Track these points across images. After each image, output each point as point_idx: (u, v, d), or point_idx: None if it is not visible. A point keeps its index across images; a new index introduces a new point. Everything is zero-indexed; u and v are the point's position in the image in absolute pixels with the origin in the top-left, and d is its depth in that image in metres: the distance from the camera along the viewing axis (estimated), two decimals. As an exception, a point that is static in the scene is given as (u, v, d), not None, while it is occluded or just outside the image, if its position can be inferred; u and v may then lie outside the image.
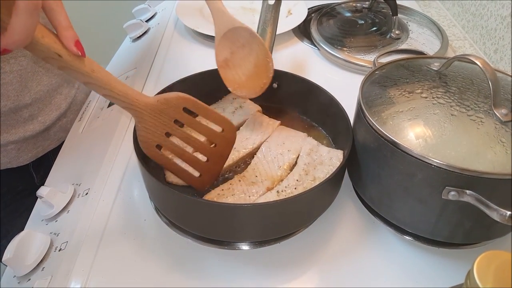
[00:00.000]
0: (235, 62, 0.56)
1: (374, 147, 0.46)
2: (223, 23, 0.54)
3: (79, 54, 0.36)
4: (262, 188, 0.50)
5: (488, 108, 0.44)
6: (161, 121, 0.44)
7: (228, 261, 0.48)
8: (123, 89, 0.41)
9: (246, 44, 0.55)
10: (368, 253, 0.49)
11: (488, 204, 0.39)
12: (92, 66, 0.38)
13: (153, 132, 0.45)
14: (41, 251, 0.48)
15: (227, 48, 0.55)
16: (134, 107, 0.42)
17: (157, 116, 0.44)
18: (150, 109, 0.43)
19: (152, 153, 0.46)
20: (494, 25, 0.82)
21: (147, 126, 0.44)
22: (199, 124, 0.47)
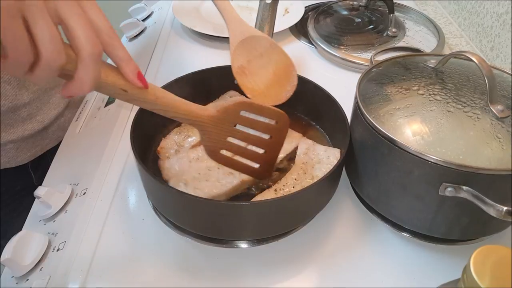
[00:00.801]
0: (252, 70, 0.55)
1: (371, 144, 0.46)
2: (240, 31, 0.53)
3: (142, 87, 0.37)
4: (237, 179, 0.50)
5: (484, 105, 0.45)
6: (223, 129, 0.46)
7: (227, 259, 0.48)
8: (187, 108, 0.42)
9: (265, 54, 0.54)
10: (366, 250, 0.49)
11: (485, 200, 0.39)
12: (156, 93, 0.39)
13: (217, 140, 0.47)
14: (39, 251, 0.48)
15: (244, 56, 0.54)
16: (198, 122, 0.44)
17: (219, 125, 0.46)
18: (212, 120, 0.45)
19: (218, 158, 0.48)
20: (490, 23, 0.82)
21: (211, 136, 0.46)
22: (256, 122, 0.49)
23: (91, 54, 0.31)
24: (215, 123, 0.45)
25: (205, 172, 0.50)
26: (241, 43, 0.52)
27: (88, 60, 0.31)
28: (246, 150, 0.50)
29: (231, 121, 0.47)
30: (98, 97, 0.76)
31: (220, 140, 0.47)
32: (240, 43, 0.52)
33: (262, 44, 0.53)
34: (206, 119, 0.44)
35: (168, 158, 0.55)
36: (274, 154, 0.52)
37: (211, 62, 0.64)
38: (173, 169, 0.53)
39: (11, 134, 0.66)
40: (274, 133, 0.50)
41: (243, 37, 0.52)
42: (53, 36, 0.29)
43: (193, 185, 0.49)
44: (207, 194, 0.48)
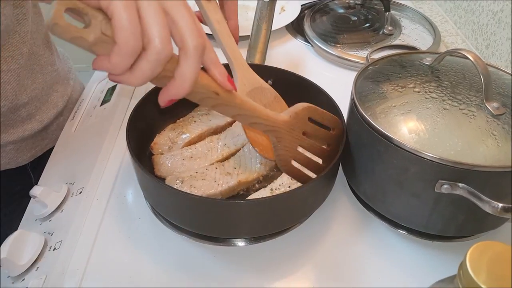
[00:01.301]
0: None
1: (367, 142, 0.46)
2: (248, 80, 0.52)
3: (232, 89, 0.36)
4: (234, 180, 0.50)
5: (480, 102, 0.45)
6: (295, 136, 0.47)
7: (224, 257, 0.48)
8: (266, 113, 0.43)
9: (268, 106, 0.53)
10: (363, 247, 0.49)
11: (480, 196, 0.39)
12: (240, 98, 0.39)
13: (290, 149, 0.47)
14: (35, 251, 0.48)
15: None
16: (275, 128, 0.44)
17: (291, 132, 0.46)
18: (287, 126, 0.45)
19: (289, 169, 0.48)
20: (485, 21, 0.82)
21: (285, 144, 0.46)
22: (321, 130, 0.49)
23: (196, 46, 0.30)
24: (289, 129, 0.45)
25: (203, 171, 0.50)
26: (248, 94, 0.51)
27: (193, 53, 0.30)
28: (310, 161, 0.50)
29: (301, 128, 0.47)
30: (94, 95, 0.76)
31: (292, 148, 0.47)
32: (248, 94, 0.51)
33: (266, 96, 0.53)
34: (282, 125, 0.44)
35: (162, 154, 0.55)
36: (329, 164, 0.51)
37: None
38: (165, 165, 0.53)
39: (11, 135, 0.66)
40: (332, 141, 0.50)
41: (251, 87, 0.51)
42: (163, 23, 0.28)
43: (189, 184, 0.49)
44: (203, 193, 0.48)
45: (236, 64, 0.52)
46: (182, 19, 0.30)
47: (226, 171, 0.51)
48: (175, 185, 0.49)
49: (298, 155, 0.49)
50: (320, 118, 0.49)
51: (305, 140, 0.48)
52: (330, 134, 0.50)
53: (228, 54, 0.52)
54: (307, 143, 0.48)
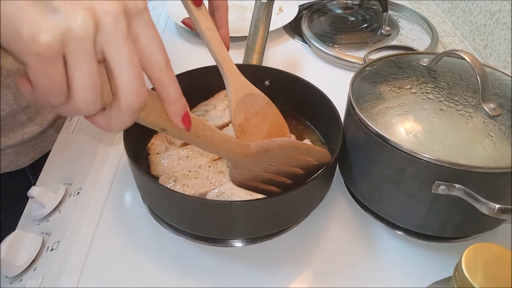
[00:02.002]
0: (249, 129, 0.53)
1: (364, 142, 0.46)
2: (240, 87, 0.51)
3: (185, 129, 0.33)
4: (226, 179, 0.50)
5: (477, 103, 0.45)
6: (258, 166, 0.44)
7: (221, 258, 0.48)
8: (226, 148, 0.41)
9: (260, 112, 0.53)
10: (360, 248, 0.49)
11: (477, 197, 0.40)
12: (197, 132, 0.37)
13: (249, 174, 0.45)
14: (32, 251, 0.48)
15: (242, 113, 0.52)
16: (234, 159, 0.42)
17: (255, 163, 0.44)
18: (250, 160, 0.43)
19: (244, 186, 0.46)
20: (483, 21, 0.82)
21: (244, 171, 0.44)
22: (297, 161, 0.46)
23: (129, 108, 0.26)
24: (251, 161, 0.43)
25: (196, 170, 0.50)
26: (240, 101, 0.51)
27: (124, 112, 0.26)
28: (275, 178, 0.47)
29: (269, 160, 0.44)
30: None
31: (252, 174, 0.45)
32: (240, 101, 0.51)
33: (258, 103, 0.52)
34: (244, 158, 0.43)
35: (158, 154, 0.55)
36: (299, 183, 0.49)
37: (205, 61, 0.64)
38: (161, 165, 0.53)
39: (11, 139, 0.66)
40: (309, 169, 0.48)
41: (243, 94, 0.51)
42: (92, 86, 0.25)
43: (182, 182, 0.49)
44: (195, 192, 0.48)
45: (227, 71, 0.52)
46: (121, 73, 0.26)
47: (219, 170, 0.51)
48: (168, 184, 0.49)
49: (259, 177, 0.46)
50: (305, 154, 0.45)
51: (273, 167, 0.45)
52: (310, 163, 0.47)
53: (219, 61, 0.52)
54: (275, 168, 0.45)
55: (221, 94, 0.64)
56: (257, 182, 0.46)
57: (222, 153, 0.41)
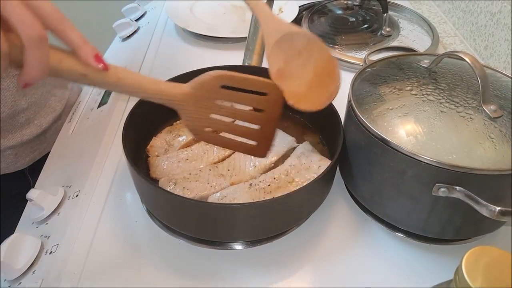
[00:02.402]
0: (291, 71, 0.50)
1: (364, 144, 0.46)
2: (274, 29, 0.48)
3: (102, 68, 0.35)
4: (227, 182, 0.50)
5: (477, 105, 0.45)
6: (203, 106, 0.43)
7: (221, 261, 0.47)
8: (155, 87, 0.40)
9: (303, 51, 0.49)
10: (360, 250, 0.49)
11: (478, 200, 0.39)
12: (118, 74, 0.37)
13: (199, 118, 0.44)
14: (31, 254, 0.48)
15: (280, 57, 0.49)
16: (172, 101, 0.41)
17: (198, 102, 0.43)
18: (189, 98, 0.42)
19: (204, 137, 0.45)
20: (484, 22, 0.82)
21: (191, 115, 0.43)
22: (241, 96, 0.45)
23: (30, 37, 0.30)
24: (192, 101, 0.42)
25: (196, 173, 0.50)
26: (276, 44, 0.47)
27: (30, 43, 0.30)
28: (237, 127, 0.47)
29: (210, 97, 0.43)
30: (91, 98, 0.76)
31: (201, 118, 0.44)
32: (275, 44, 0.47)
33: (299, 41, 0.48)
34: (181, 97, 0.41)
35: (157, 156, 0.54)
36: (270, 130, 0.48)
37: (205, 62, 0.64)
38: (161, 167, 0.52)
39: (10, 140, 0.66)
40: (265, 106, 0.46)
41: (278, 36, 0.47)
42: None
43: (182, 185, 0.49)
44: (195, 195, 0.48)
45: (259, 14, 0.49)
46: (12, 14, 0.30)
47: (219, 173, 0.51)
48: (168, 187, 0.48)
49: (213, 122, 0.45)
50: (242, 84, 0.44)
51: (221, 108, 0.44)
52: (259, 99, 0.45)
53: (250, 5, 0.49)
54: (225, 110, 0.44)
55: (221, 96, 0.64)
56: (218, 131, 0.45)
57: (153, 94, 0.40)
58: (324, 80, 0.49)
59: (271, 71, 0.48)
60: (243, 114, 0.46)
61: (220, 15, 0.93)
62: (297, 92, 0.49)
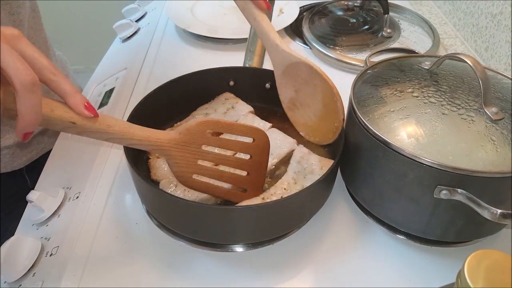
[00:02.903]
0: (302, 101, 0.49)
1: (366, 146, 0.46)
2: (280, 58, 0.48)
3: (92, 116, 0.36)
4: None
5: (479, 107, 0.45)
6: (190, 151, 0.44)
7: (222, 263, 0.47)
8: (143, 134, 0.41)
9: (309, 80, 0.48)
10: (361, 252, 0.49)
11: (479, 202, 0.39)
12: (107, 121, 0.38)
13: (186, 165, 0.44)
14: (32, 256, 0.47)
15: (290, 86, 0.49)
16: (159, 147, 0.42)
17: (185, 148, 0.44)
18: (175, 143, 0.43)
19: (191, 184, 0.46)
20: (484, 23, 0.82)
21: (177, 161, 0.44)
22: (228, 141, 0.46)
23: (23, 82, 0.31)
24: (179, 147, 0.43)
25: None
26: (284, 74, 0.47)
27: (22, 90, 0.31)
28: (224, 173, 0.47)
29: (197, 143, 0.44)
30: (91, 99, 0.75)
31: (188, 164, 0.44)
32: (282, 74, 0.47)
33: (303, 70, 0.47)
34: (167, 144, 0.42)
35: (158, 157, 0.54)
36: (259, 177, 0.49)
37: (205, 63, 0.64)
38: (161, 169, 0.52)
39: (7, 140, 0.66)
40: (253, 151, 0.47)
41: (283, 67, 0.47)
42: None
43: (183, 187, 0.49)
44: (196, 197, 0.48)
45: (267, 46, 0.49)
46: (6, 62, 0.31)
47: None
48: (169, 189, 0.48)
49: (202, 169, 0.46)
50: (228, 131, 0.45)
51: (208, 153, 0.45)
52: (247, 144, 0.46)
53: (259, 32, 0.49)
54: (213, 156, 0.46)
55: (222, 97, 0.64)
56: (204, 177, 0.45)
57: (140, 141, 0.41)
58: (329, 113, 0.49)
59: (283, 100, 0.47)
60: (230, 160, 0.47)
61: (221, 16, 0.93)
62: (308, 123, 0.49)
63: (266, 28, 0.49)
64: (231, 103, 0.63)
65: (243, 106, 0.62)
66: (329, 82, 0.48)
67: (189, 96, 0.61)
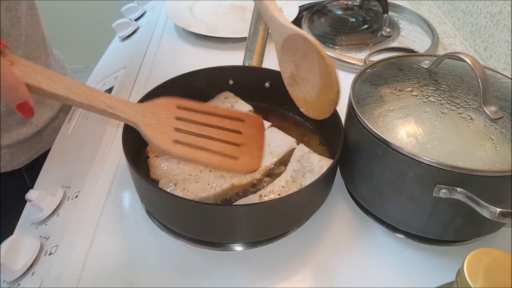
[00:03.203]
0: (301, 75, 0.48)
1: (365, 145, 0.46)
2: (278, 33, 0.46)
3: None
4: (227, 183, 0.50)
5: (478, 106, 0.45)
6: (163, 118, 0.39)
7: (221, 262, 0.47)
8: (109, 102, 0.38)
9: (307, 54, 0.46)
10: (361, 251, 0.49)
11: (479, 201, 0.39)
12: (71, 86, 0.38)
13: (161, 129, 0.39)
14: (31, 256, 0.47)
15: (290, 61, 0.47)
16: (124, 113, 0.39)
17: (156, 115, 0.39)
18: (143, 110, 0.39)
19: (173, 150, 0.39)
20: (484, 23, 0.82)
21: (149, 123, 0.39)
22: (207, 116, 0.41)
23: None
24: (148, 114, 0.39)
25: (196, 174, 0.50)
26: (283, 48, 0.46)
27: None
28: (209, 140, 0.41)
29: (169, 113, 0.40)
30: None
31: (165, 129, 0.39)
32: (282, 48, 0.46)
33: (300, 42, 0.45)
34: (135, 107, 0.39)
35: (157, 157, 0.54)
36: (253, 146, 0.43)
37: (205, 62, 0.64)
38: (161, 168, 0.52)
39: (6, 139, 0.66)
40: (243, 129, 0.42)
41: (282, 40, 0.46)
42: None
43: (182, 186, 0.49)
44: (195, 196, 0.48)
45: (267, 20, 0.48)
46: None
47: (219, 174, 0.50)
48: (168, 188, 0.48)
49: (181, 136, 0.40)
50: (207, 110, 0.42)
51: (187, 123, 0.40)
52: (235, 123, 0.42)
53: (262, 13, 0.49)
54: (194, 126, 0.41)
55: (221, 96, 0.64)
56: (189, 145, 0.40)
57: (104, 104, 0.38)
58: (325, 86, 0.48)
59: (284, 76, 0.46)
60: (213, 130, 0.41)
61: (220, 15, 0.93)
62: (308, 98, 0.48)
63: (266, 2, 0.48)
64: (231, 102, 0.63)
65: (243, 105, 0.62)
66: (323, 53, 0.46)
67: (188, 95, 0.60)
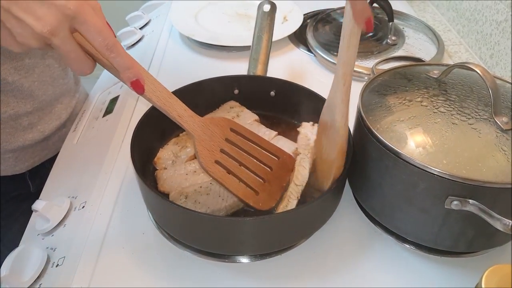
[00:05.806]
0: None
1: (375, 156, 0.46)
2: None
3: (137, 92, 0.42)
4: None
5: (489, 116, 0.44)
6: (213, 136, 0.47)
7: (229, 274, 0.47)
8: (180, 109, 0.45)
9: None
10: (370, 262, 0.48)
11: (491, 213, 0.39)
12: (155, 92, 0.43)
13: (209, 146, 0.47)
14: (37, 267, 0.47)
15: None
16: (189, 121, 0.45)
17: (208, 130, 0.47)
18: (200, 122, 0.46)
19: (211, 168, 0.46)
20: (489, 30, 0.82)
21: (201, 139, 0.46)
22: (251, 146, 0.48)
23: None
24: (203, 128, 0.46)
25: (207, 186, 0.50)
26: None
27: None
28: (243, 169, 0.48)
29: (221, 134, 0.47)
30: (96, 106, 0.75)
31: (212, 147, 0.46)
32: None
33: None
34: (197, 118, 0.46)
35: (165, 169, 0.54)
36: (276, 186, 0.49)
37: (210, 71, 0.64)
38: (169, 180, 0.52)
39: (10, 144, 0.66)
40: (275, 166, 0.49)
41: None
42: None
43: (193, 199, 0.48)
44: (207, 209, 0.48)
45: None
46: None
47: None
48: (180, 201, 0.48)
49: (223, 158, 0.47)
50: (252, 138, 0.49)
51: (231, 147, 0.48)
52: (270, 157, 0.50)
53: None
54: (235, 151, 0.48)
55: (227, 106, 0.63)
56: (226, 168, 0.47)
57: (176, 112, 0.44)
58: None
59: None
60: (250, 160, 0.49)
61: (225, 23, 0.93)
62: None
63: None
64: (236, 112, 0.62)
65: (248, 114, 0.62)
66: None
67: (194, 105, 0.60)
